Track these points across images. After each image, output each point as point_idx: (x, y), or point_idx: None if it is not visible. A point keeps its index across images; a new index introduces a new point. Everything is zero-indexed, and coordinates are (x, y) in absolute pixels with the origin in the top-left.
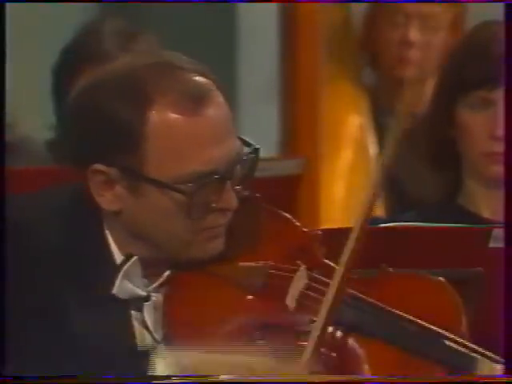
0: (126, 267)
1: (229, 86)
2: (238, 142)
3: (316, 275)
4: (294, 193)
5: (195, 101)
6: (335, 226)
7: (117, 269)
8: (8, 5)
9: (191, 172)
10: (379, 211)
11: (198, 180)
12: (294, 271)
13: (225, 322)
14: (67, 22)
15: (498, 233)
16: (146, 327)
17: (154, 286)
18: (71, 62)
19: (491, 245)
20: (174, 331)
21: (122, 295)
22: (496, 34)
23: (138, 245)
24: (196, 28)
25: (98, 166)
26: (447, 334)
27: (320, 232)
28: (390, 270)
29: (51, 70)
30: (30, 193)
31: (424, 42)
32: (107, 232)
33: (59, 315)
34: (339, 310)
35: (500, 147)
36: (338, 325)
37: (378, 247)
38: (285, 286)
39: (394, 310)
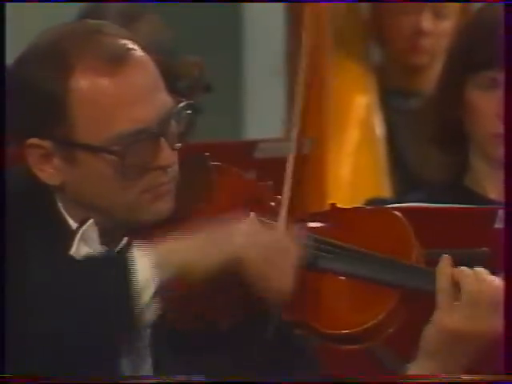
0: (83, 229)
1: (236, 68)
2: (169, 99)
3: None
4: (302, 173)
5: (114, 62)
6: (342, 206)
7: (73, 232)
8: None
9: (119, 133)
10: (386, 192)
11: (127, 140)
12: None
13: None
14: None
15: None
16: None
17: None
18: None
19: (497, 225)
20: None
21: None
22: (503, 14)
23: (88, 214)
24: (202, 11)
25: (33, 140)
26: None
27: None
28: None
29: None
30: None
31: (436, 29)
32: (60, 205)
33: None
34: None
35: None
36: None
37: None
38: None
39: (345, 244)
